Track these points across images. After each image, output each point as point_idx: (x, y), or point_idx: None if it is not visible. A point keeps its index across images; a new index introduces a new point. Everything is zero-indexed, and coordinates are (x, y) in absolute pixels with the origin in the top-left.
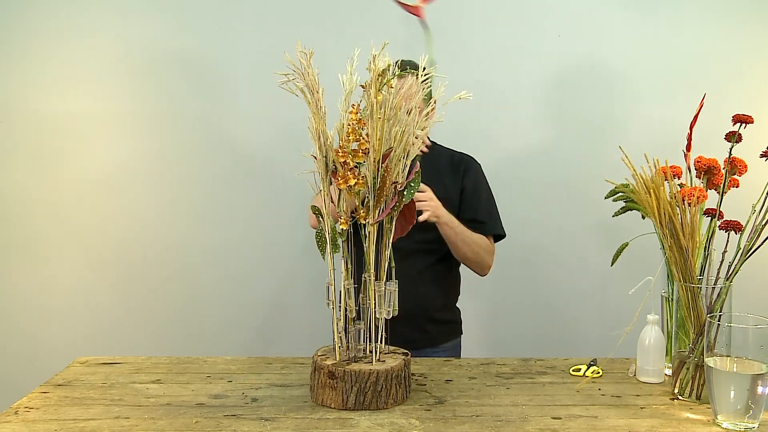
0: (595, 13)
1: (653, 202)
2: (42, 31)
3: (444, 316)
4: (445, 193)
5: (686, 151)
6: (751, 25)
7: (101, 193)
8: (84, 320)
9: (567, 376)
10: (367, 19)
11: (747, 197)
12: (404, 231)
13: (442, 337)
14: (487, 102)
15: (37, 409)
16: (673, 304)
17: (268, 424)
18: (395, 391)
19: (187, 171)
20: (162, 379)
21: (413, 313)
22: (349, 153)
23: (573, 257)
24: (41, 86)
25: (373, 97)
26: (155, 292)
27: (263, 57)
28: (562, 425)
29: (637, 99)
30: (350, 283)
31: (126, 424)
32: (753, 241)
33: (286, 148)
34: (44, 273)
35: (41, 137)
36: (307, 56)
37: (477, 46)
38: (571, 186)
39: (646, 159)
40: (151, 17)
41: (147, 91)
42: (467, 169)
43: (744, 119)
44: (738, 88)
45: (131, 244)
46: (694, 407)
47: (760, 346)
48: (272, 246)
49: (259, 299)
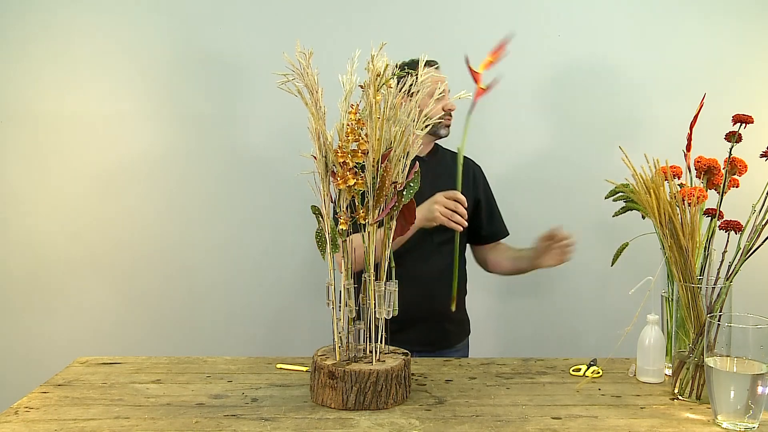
0: (595, 13)
1: (653, 202)
2: (42, 30)
3: (460, 315)
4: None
5: (686, 151)
6: (751, 25)
7: (101, 193)
8: (84, 320)
9: (567, 376)
10: (367, 19)
11: (747, 197)
12: (404, 231)
13: (458, 336)
14: (486, 102)
15: (37, 409)
16: (673, 304)
17: (268, 424)
18: (395, 391)
19: (186, 171)
20: (162, 379)
21: (434, 314)
22: (349, 153)
23: (573, 257)
24: (41, 86)
25: (372, 97)
26: (155, 292)
27: (264, 57)
28: (562, 425)
29: (637, 99)
30: (350, 283)
31: (126, 424)
32: (753, 241)
33: (286, 149)
34: (45, 273)
35: (41, 137)
36: (307, 56)
37: (477, 46)
38: (571, 186)
39: (646, 159)
40: (151, 17)
41: (147, 91)
42: (476, 177)
43: (744, 119)
44: (738, 88)
45: (131, 244)
46: (694, 407)
47: (760, 346)
48: (272, 246)
49: (259, 299)
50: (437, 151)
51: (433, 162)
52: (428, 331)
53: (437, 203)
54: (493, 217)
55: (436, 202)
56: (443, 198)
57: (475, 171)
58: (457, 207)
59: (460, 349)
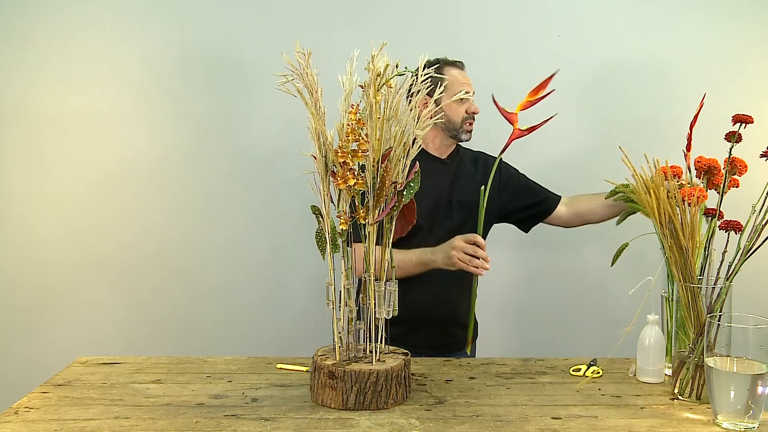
0: (595, 13)
1: (653, 202)
2: (42, 30)
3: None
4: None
5: (686, 151)
6: (751, 25)
7: (101, 193)
8: (84, 320)
9: (567, 376)
10: (367, 19)
11: (747, 197)
12: (404, 231)
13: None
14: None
15: (37, 409)
16: (673, 304)
17: (268, 424)
18: (395, 391)
19: (187, 171)
20: (162, 379)
21: (446, 318)
22: (349, 153)
23: (573, 257)
24: (41, 86)
25: (372, 97)
26: (155, 292)
27: (264, 57)
28: (562, 425)
29: (638, 99)
30: (350, 283)
31: (126, 424)
32: (753, 241)
33: (287, 149)
34: (45, 273)
35: (41, 137)
36: (306, 57)
37: (477, 46)
38: (571, 186)
39: (646, 159)
40: (151, 17)
41: (147, 92)
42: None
43: (744, 119)
44: (738, 88)
45: (131, 244)
46: (694, 407)
47: (760, 346)
48: (272, 246)
49: (259, 299)
50: (458, 152)
51: (453, 164)
52: (436, 334)
53: (455, 249)
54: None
55: (454, 247)
56: (462, 243)
57: (486, 165)
58: (476, 251)
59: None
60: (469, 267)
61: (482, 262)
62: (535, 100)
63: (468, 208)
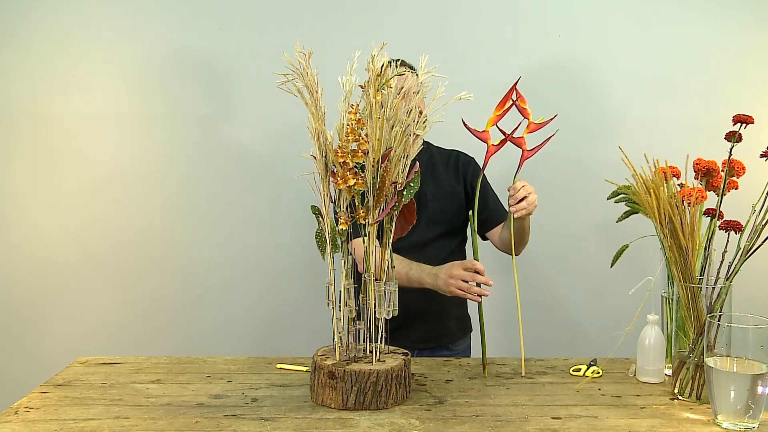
0: (595, 13)
1: (653, 202)
2: (43, 31)
3: (460, 311)
4: (450, 188)
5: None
6: (751, 25)
7: (101, 193)
8: (84, 320)
9: (567, 376)
10: (367, 19)
11: (747, 197)
12: (404, 231)
13: (458, 333)
14: (486, 102)
15: (37, 409)
16: (673, 304)
17: (268, 424)
18: (395, 391)
19: (186, 171)
20: (162, 379)
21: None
22: (349, 153)
23: (573, 257)
24: (42, 86)
25: (372, 97)
26: (155, 292)
27: (264, 57)
28: (562, 425)
29: (638, 99)
30: (350, 283)
31: (126, 424)
32: (753, 241)
33: (286, 149)
34: (45, 273)
35: (41, 137)
36: (306, 56)
37: (477, 46)
38: (571, 186)
39: (646, 159)
40: (151, 18)
41: (147, 92)
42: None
43: (744, 119)
44: (738, 88)
45: (131, 244)
46: (694, 407)
47: (760, 346)
48: (272, 246)
49: (259, 299)
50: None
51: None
52: (429, 328)
53: (453, 278)
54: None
55: (452, 276)
56: (460, 271)
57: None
58: (475, 278)
59: (461, 350)
60: (467, 295)
61: (481, 289)
62: (503, 112)
63: (443, 199)
